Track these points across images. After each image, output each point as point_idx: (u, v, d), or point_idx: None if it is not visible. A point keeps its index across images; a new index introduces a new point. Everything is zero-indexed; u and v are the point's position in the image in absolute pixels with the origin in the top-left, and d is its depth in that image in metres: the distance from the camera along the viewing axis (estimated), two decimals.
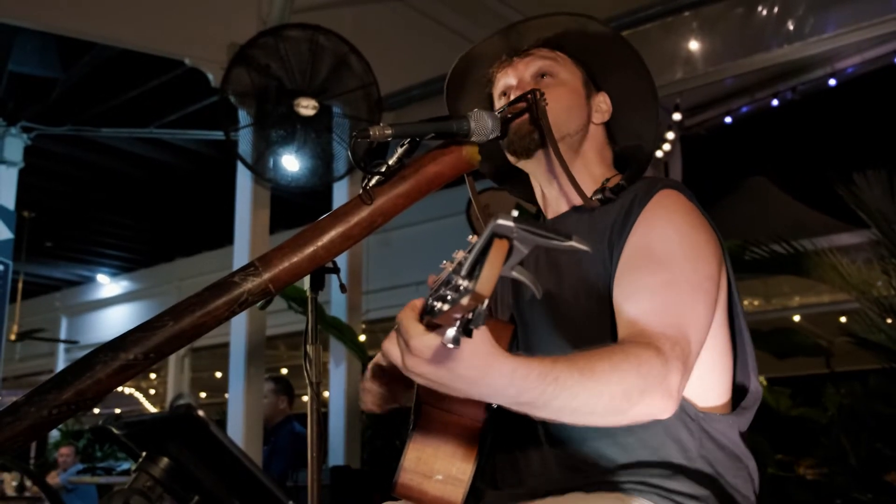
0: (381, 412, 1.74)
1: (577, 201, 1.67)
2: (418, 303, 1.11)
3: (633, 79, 1.74)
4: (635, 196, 1.57)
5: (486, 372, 1.12)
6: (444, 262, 1.17)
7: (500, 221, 0.94)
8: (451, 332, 0.96)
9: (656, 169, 6.74)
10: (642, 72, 1.73)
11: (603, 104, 1.75)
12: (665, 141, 6.83)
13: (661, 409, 1.30)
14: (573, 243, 0.97)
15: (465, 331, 0.96)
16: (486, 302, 0.94)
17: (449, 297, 0.97)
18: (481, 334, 1.08)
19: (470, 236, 0.98)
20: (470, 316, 0.95)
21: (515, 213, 0.97)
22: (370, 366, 1.72)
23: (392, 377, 1.70)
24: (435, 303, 1.01)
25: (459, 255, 1.01)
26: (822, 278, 5.12)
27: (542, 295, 1.04)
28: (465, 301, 0.93)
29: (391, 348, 1.15)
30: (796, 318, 9.06)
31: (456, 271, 0.98)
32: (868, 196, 4.73)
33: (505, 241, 0.95)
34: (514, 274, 0.98)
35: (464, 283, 0.94)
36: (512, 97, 1.69)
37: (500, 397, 1.18)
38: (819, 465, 5.61)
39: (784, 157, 8.83)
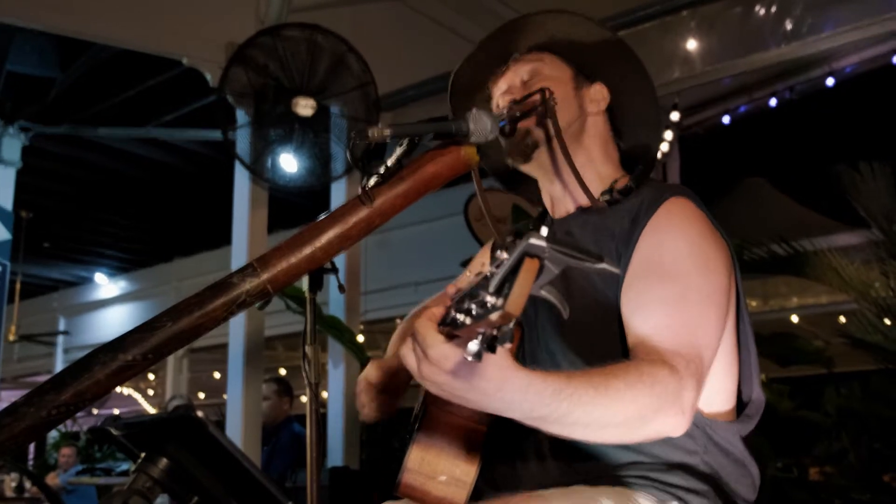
0: (383, 418, 1.73)
1: (584, 202, 1.67)
2: (437, 312, 1.10)
3: (625, 65, 1.75)
4: (643, 202, 1.56)
5: (502, 385, 1.12)
6: (466, 272, 1.17)
7: (533, 241, 0.93)
8: (473, 345, 0.95)
9: (654, 169, 6.73)
10: (632, 58, 1.74)
11: (598, 94, 1.75)
12: (663, 140, 6.83)
13: (673, 426, 1.30)
14: (605, 265, 0.97)
15: (490, 347, 0.95)
16: (514, 321, 0.93)
17: (474, 312, 0.96)
18: (501, 349, 1.08)
19: (498, 251, 0.98)
20: (495, 332, 0.94)
21: (546, 232, 0.96)
22: (361, 381, 1.72)
23: (389, 386, 1.70)
24: (457, 315, 1.00)
25: (486, 268, 1.00)
26: (820, 279, 5.11)
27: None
28: (493, 317, 0.92)
29: (409, 354, 1.14)
30: (794, 318, 9.05)
31: (482, 286, 0.96)
32: (869, 195, 4.73)
33: (536, 261, 0.94)
34: (544, 293, 0.98)
35: (492, 300, 0.93)
36: (501, 104, 1.69)
37: (513, 411, 1.17)
38: (819, 465, 5.62)
39: (782, 156, 8.83)
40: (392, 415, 1.73)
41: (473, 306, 0.96)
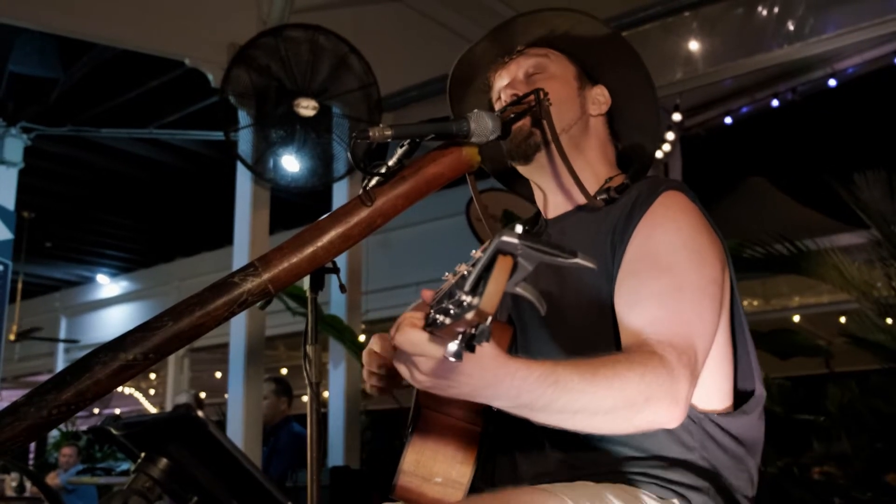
0: (388, 390, 1.70)
1: (580, 200, 1.67)
2: (419, 317, 1.11)
3: (628, 70, 1.74)
4: (638, 196, 1.55)
5: (486, 377, 1.14)
6: (447, 273, 1.17)
7: (505, 238, 0.93)
8: (453, 345, 0.96)
9: (656, 169, 6.73)
10: (636, 62, 1.73)
11: (600, 96, 1.74)
12: (665, 141, 6.83)
13: (668, 417, 1.30)
14: (578, 260, 0.97)
15: (468, 346, 0.95)
16: (490, 319, 0.94)
17: (452, 311, 0.96)
18: (488, 343, 1.08)
19: (474, 251, 0.98)
20: (473, 331, 0.95)
21: (519, 229, 0.96)
22: (366, 352, 1.70)
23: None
24: (437, 315, 1.01)
25: (463, 267, 1.00)
26: (822, 278, 5.11)
27: (543, 295, 1.03)
28: (468, 316, 0.93)
29: (401, 338, 1.13)
30: (796, 318, 9.04)
31: (459, 285, 0.97)
32: (868, 197, 4.73)
33: (509, 258, 0.94)
34: (519, 290, 0.98)
35: (467, 299, 0.94)
36: (503, 97, 1.69)
37: (499, 399, 1.18)
38: (820, 464, 5.61)
39: (784, 157, 8.83)
40: (398, 388, 1.71)
41: (451, 306, 0.97)
